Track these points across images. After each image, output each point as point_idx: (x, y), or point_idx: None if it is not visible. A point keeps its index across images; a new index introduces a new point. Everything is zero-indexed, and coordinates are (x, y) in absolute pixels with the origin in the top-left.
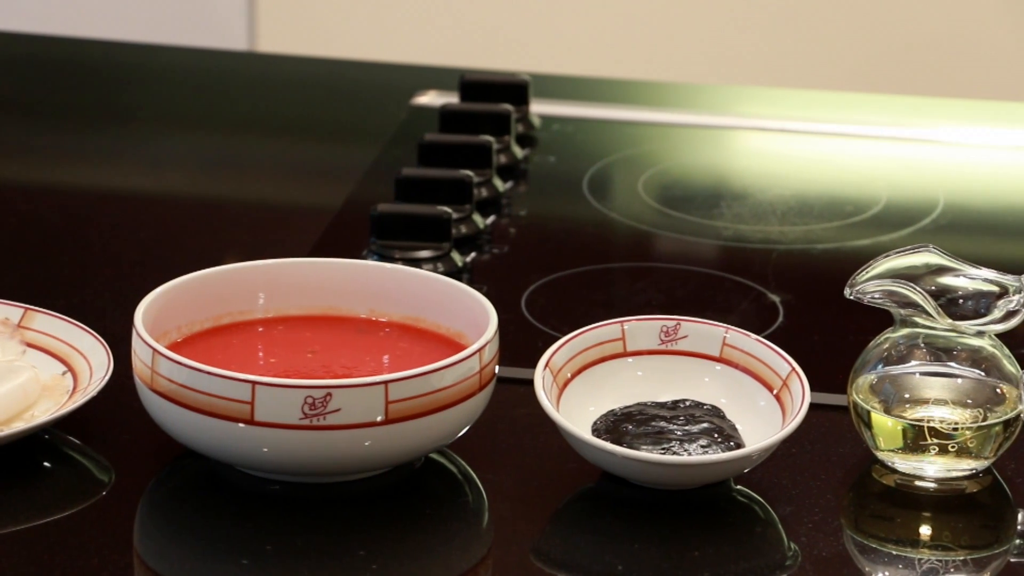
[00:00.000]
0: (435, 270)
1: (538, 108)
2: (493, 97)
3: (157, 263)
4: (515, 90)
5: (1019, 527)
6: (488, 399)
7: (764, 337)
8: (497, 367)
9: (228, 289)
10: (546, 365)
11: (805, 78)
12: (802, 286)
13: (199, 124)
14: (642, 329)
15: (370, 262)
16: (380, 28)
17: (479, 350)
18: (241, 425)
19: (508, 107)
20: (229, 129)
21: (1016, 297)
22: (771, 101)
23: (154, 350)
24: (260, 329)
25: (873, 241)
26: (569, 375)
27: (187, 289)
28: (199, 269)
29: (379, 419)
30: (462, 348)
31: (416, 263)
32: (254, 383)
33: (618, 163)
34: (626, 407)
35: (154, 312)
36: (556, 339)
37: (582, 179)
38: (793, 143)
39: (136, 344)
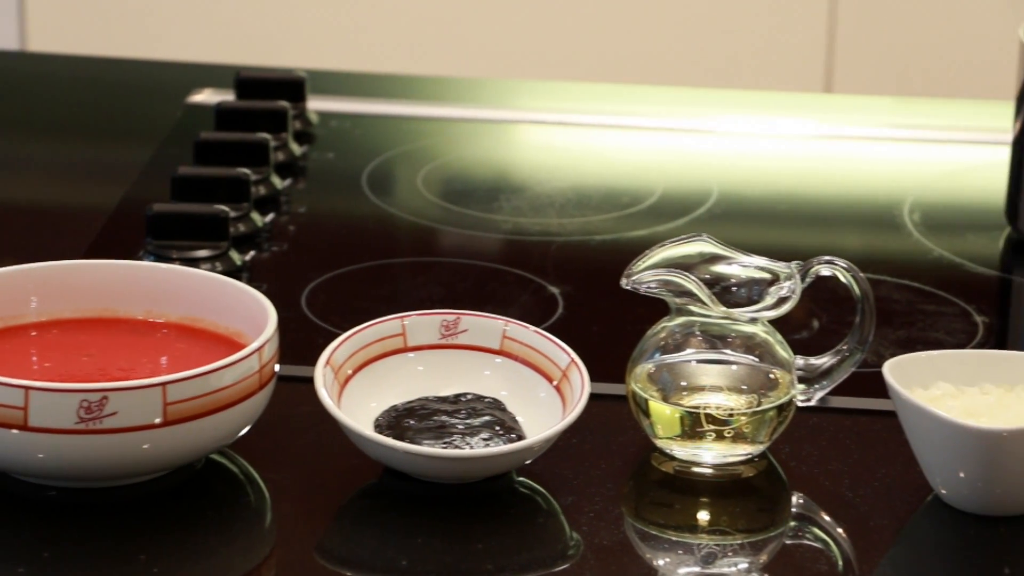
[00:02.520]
0: (213, 269)
1: (315, 104)
2: (269, 94)
3: None
4: (291, 87)
5: (794, 510)
6: (268, 398)
7: (544, 329)
8: (277, 365)
9: None
10: (326, 362)
11: (580, 71)
12: (581, 277)
13: None
14: (422, 324)
15: (146, 263)
16: (153, 26)
17: (258, 349)
18: (15, 431)
19: (285, 104)
20: None
21: (787, 284)
22: (548, 94)
23: None
24: (33, 333)
25: (650, 231)
26: (350, 371)
27: None
28: None
29: (157, 421)
30: (241, 347)
31: (193, 263)
32: (27, 388)
33: (397, 158)
34: (408, 402)
35: None
36: (337, 336)
37: (361, 175)
38: (570, 136)
39: None
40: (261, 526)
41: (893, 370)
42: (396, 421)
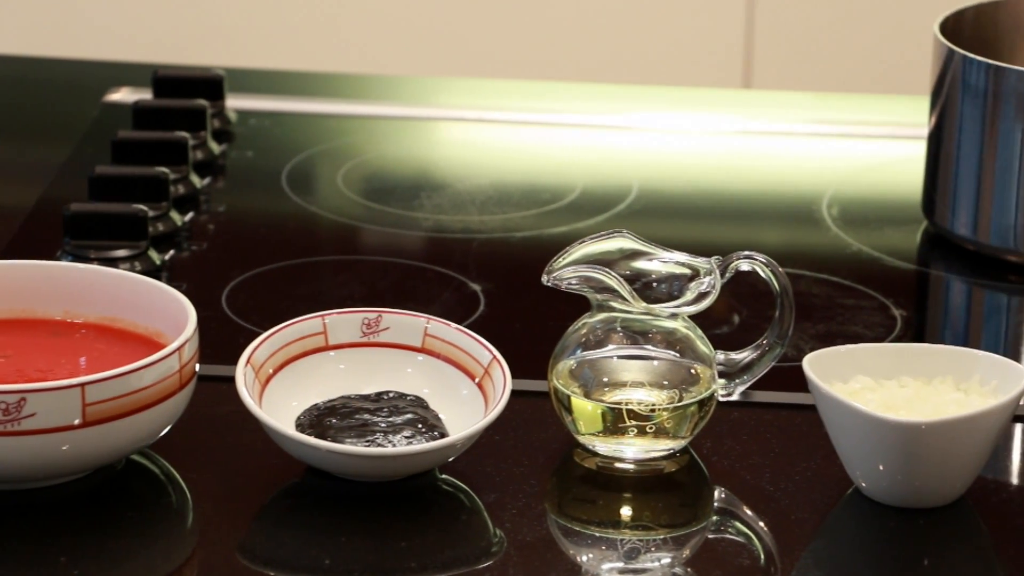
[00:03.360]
0: (132, 269)
1: (234, 103)
2: (187, 93)
3: None
4: (209, 85)
5: (716, 504)
6: (189, 398)
7: (466, 326)
8: (198, 365)
9: None
10: (247, 361)
11: (501, 68)
12: (502, 274)
13: None
14: (344, 322)
15: (64, 263)
16: (70, 24)
17: (178, 349)
18: None
19: (203, 102)
20: None
21: (707, 279)
22: (468, 91)
23: None
24: None
25: (570, 228)
26: (271, 370)
27: None
28: None
29: (76, 422)
30: (161, 347)
31: (112, 263)
32: None
33: (317, 156)
34: (329, 401)
35: None
36: (257, 335)
37: (281, 173)
38: (490, 133)
39: None
40: (182, 527)
41: (812, 364)
42: (318, 420)
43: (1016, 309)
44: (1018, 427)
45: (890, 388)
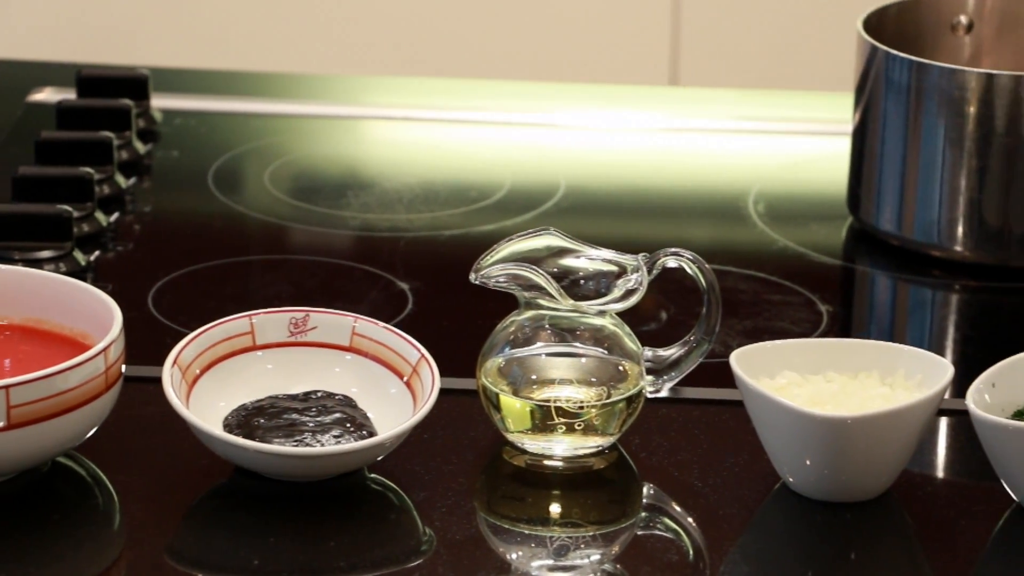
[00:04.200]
0: (57, 270)
1: (159, 102)
2: (112, 92)
3: None
4: (134, 84)
5: (644, 500)
6: (115, 399)
7: (394, 325)
8: (124, 366)
9: None
10: (174, 362)
11: (428, 66)
12: (430, 273)
13: None
14: (271, 322)
15: None
16: None
17: (104, 350)
18: None
19: (128, 102)
20: None
21: (634, 276)
22: (395, 90)
23: None
24: None
25: (498, 226)
26: (198, 371)
27: None
28: None
29: (1, 425)
30: (86, 348)
31: (36, 264)
32: None
33: (244, 156)
34: (257, 401)
35: None
36: (184, 335)
37: (207, 173)
38: (418, 131)
39: None
40: (110, 529)
41: (740, 360)
42: (246, 420)
43: (940, 304)
44: (943, 421)
45: (816, 383)
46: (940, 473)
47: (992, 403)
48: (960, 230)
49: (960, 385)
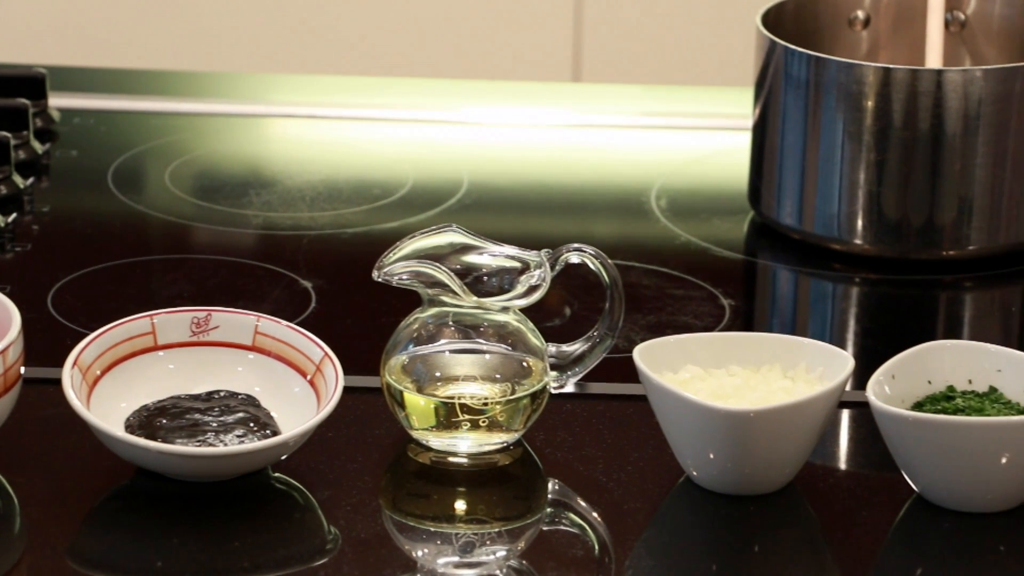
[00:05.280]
0: None
1: (57, 101)
2: (8, 91)
3: None
4: (31, 84)
5: (550, 496)
6: (14, 402)
7: (297, 323)
8: (23, 368)
9: None
10: (74, 363)
11: (329, 64)
12: (333, 271)
13: None
14: (172, 322)
15: None
16: None
17: (2, 352)
18: None
19: (25, 101)
20: None
21: (537, 272)
22: (297, 88)
23: None
24: None
25: (401, 223)
26: (99, 372)
27: None
28: None
29: None
30: None
31: None
32: None
33: (144, 155)
34: (159, 401)
35: None
36: (85, 336)
37: (107, 172)
38: (320, 129)
39: None
40: (10, 532)
41: (643, 355)
42: (147, 421)
43: (841, 297)
44: (844, 413)
45: (719, 377)
46: (842, 465)
47: (892, 394)
48: (860, 223)
49: (861, 377)
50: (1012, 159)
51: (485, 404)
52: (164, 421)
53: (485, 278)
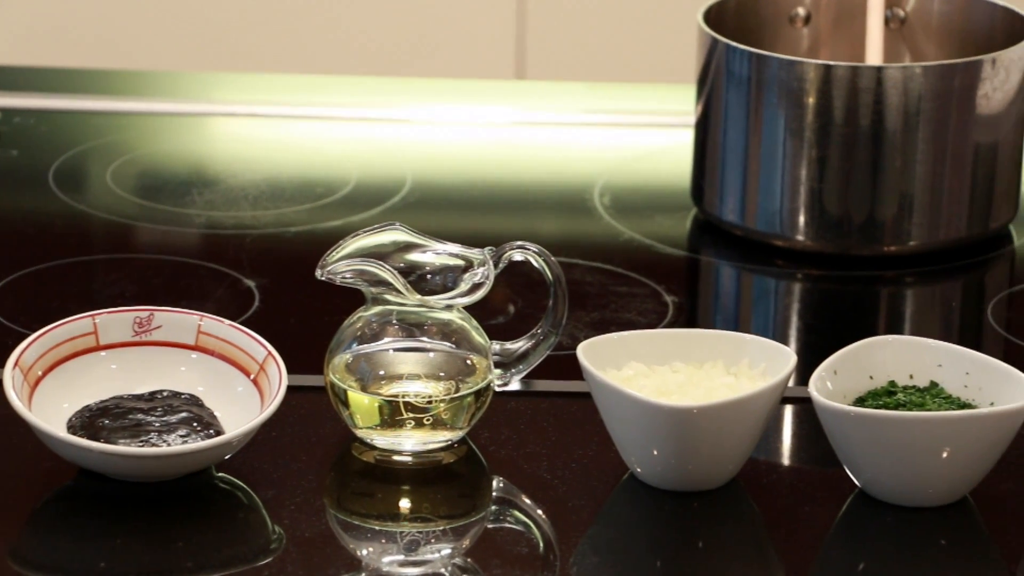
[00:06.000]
0: None
1: None
2: None
3: None
4: None
5: (495, 494)
6: None
7: (240, 323)
8: None
9: None
10: (15, 364)
11: (271, 62)
12: (277, 270)
13: None
14: (115, 321)
15: None
16: None
17: None
18: None
19: None
20: None
21: (481, 270)
22: (239, 86)
23: None
24: None
25: (344, 222)
26: (41, 372)
27: None
28: None
29: None
30: None
31: None
32: None
33: (85, 154)
34: (102, 402)
35: None
36: (26, 336)
37: (48, 172)
38: (262, 127)
39: None
40: None
41: (587, 352)
42: (90, 421)
43: (783, 293)
44: (787, 409)
45: (663, 374)
46: (785, 460)
47: (834, 390)
48: (802, 219)
49: (803, 373)
50: (952, 155)
51: (429, 402)
52: (107, 421)
53: (429, 276)
